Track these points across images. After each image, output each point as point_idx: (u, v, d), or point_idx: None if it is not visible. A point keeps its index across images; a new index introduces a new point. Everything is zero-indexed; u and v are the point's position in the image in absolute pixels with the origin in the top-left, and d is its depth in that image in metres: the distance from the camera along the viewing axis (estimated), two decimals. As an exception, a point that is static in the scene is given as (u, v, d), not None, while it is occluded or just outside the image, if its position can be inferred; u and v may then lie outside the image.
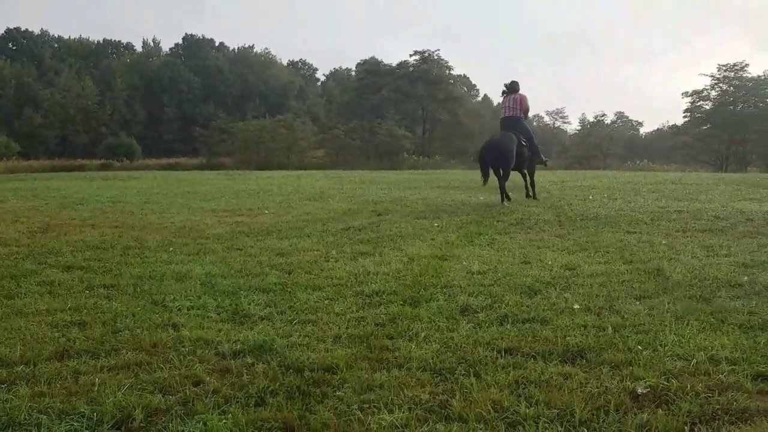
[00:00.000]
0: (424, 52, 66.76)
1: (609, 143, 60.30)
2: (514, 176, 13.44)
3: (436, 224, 9.76)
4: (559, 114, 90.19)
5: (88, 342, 4.27)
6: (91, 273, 6.45)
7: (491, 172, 12.61)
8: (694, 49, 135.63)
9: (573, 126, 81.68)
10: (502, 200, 12.75)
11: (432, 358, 3.95)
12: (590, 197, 13.52)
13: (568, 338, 4.29)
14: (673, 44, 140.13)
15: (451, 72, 69.24)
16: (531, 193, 13.74)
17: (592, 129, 65.34)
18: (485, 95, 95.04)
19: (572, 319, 4.71)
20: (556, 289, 5.64)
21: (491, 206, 12.02)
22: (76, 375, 3.71)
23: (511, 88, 13.63)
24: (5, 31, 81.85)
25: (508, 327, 4.56)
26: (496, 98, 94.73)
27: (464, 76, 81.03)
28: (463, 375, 3.72)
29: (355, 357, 3.99)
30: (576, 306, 5.03)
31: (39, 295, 5.54)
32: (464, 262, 6.84)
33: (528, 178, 13.76)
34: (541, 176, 23.16)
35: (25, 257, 7.27)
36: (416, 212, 11.30)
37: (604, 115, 70.08)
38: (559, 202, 12.74)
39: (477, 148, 13.99)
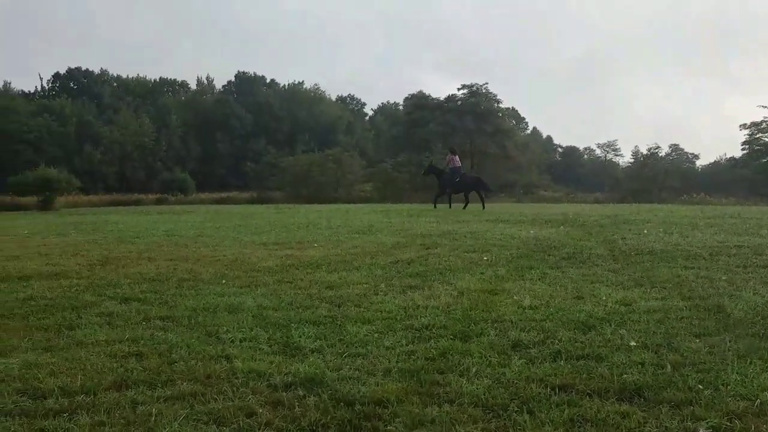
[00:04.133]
0: (472, 85, 66.92)
1: (664, 176, 59.14)
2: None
3: (485, 258, 9.70)
4: (610, 146, 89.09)
5: (145, 372, 4.36)
6: (147, 305, 6.60)
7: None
8: (748, 79, 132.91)
9: (625, 159, 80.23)
10: (465, 207, 24.03)
11: (484, 394, 3.93)
12: (645, 231, 13.26)
13: (624, 376, 4.22)
14: (725, 75, 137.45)
15: (500, 105, 69.21)
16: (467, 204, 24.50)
17: (646, 162, 64.09)
18: (534, 128, 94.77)
19: (629, 356, 4.62)
20: (611, 325, 5.54)
21: (541, 240, 11.90)
22: (134, 405, 3.80)
23: (455, 151, 26.32)
24: (67, 71, 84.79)
25: (562, 363, 4.51)
26: (546, 131, 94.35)
27: (513, 109, 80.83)
28: (516, 412, 3.69)
29: (406, 391, 3.99)
30: (632, 343, 4.94)
31: (98, 326, 5.69)
32: (515, 297, 6.77)
33: (469, 199, 25.07)
34: (592, 209, 22.89)
35: (85, 289, 7.47)
36: (465, 246, 11.23)
37: (658, 147, 68.54)
38: (613, 236, 12.53)
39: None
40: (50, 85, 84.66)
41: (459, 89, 67.83)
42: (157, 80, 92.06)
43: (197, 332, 5.46)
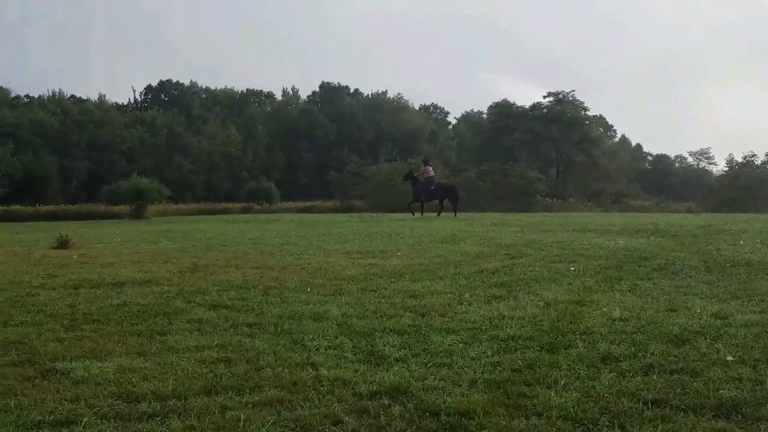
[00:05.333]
0: (558, 93, 65.86)
1: (760, 185, 56.53)
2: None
3: (572, 268, 9.50)
4: (703, 154, 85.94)
5: (234, 378, 4.45)
6: (235, 312, 6.74)
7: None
8: None
9: (719, 167, 77.05)
10: (455, 215, 26.62)
11: (573, 407, 3.84)
12: (741, 242, 12.71)
13: (721, 391, 4.07)
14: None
15: (587, 113, 67.80)
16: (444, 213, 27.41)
17: (741, 170, 61.32)
18: (623, 135, 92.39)
19: (725, 372, 4.46)
20: (706, 338, 5.35)
21: (631, 250, 11.57)
22: (223, 410, 3.88)
23: (428, 162, 29.69)
24: (158, 83, 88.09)
25: (655, 377, 4.38)
26: (635, 138, 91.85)
27: (600, 116, 79.03)
28: (607, 426, 3.61)
29: (492, 403, 3.94)
30: (729, 357, 4.76)
31: (188, 332, 5.84)
32: (604, 308, 6.60)
33: (442, 205, 28.05)
34: (684, 219, 22.13)
35: (176, 296, 7.69)
36: (551, 256, 11.03)
37: (754, 155, 65.41)
38: (707, 246, 12.07)
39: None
40: (143, 97, 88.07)
41: (545, 97, 67.02)
42: (244, 91, 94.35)
43: (283, 339, 5.54)
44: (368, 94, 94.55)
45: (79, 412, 3.90)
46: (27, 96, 77.14)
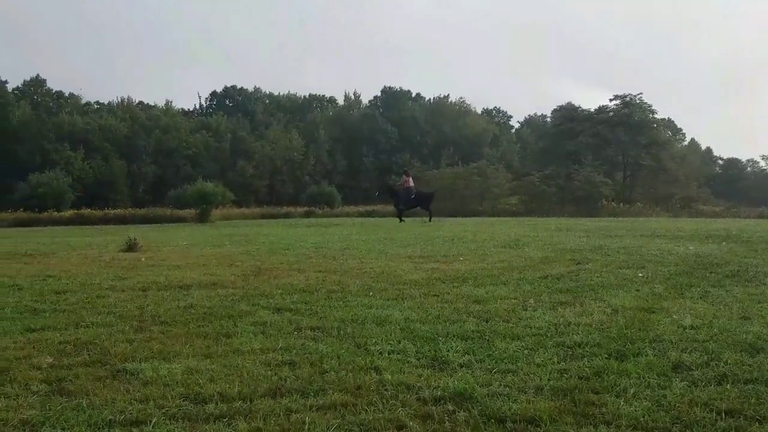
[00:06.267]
0: (625, 96, 64.37)
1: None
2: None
3: (640, 274, 9.29)
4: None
5: (298, 381, 4.48)
6: (298, 315, 6.79)
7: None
8: None
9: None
10: (430, 220, 27.94)
11: (643, 417, 3.76)
12: (817, 248, 12.27)
13: (799, 403, 3.90)
14: None
15: (655, 116, 66.14)
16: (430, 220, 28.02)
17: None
18: (692, 139, 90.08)
19: (804, 383, 4.27)
20: (782, 348, 5.14)
21: (702, 256, 11.24)
22: (288, 413, 3.90)
23: (409, 173, 31.46)
24: (223, 89, 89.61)
25: (728, 387, 4.24)
26: (704, 142, 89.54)
27: (668, 119, 77.01)
28: (678, 436, 3.49)
29: (559, 410, 3.88)
30: (808, 368, 4.55)
31: (253, 335, 5.91)
32: (674, 316, 6.43)
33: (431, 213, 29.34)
34: (757, 225, 21.42)
35: (240, 299, 7.80)
36: (618, 261, 10.81)
37: (830, 158, 63.01)
38: (781, 252, 11.67)
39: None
40: (207, 103, 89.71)
41: (611, 100, 65.47)
42: (307, 96, 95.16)
43: (346, 343, 5.55)
44: (430, 99, 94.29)
45: (149, 412, 3.97)
46: (97, 102, 79.47)
